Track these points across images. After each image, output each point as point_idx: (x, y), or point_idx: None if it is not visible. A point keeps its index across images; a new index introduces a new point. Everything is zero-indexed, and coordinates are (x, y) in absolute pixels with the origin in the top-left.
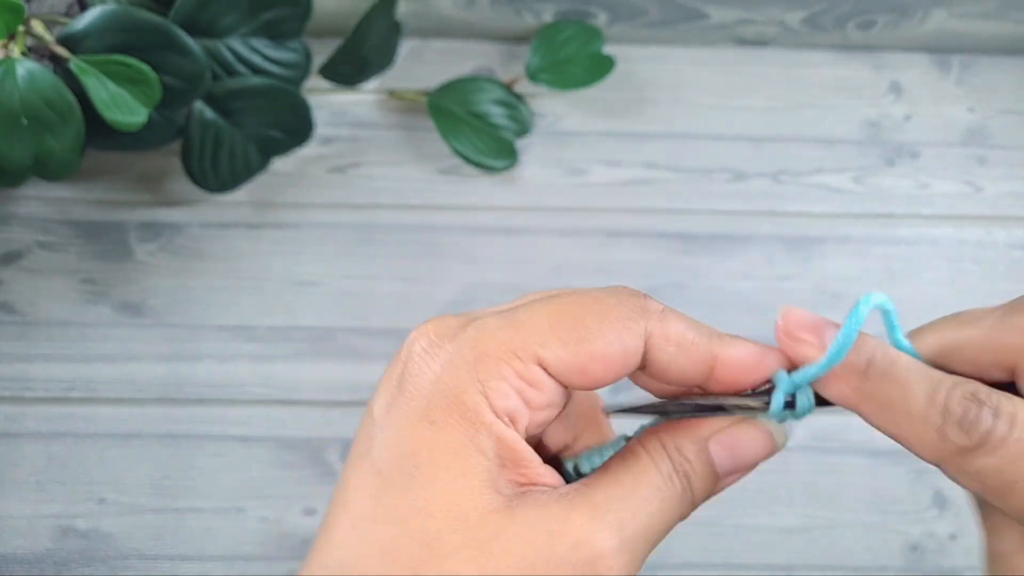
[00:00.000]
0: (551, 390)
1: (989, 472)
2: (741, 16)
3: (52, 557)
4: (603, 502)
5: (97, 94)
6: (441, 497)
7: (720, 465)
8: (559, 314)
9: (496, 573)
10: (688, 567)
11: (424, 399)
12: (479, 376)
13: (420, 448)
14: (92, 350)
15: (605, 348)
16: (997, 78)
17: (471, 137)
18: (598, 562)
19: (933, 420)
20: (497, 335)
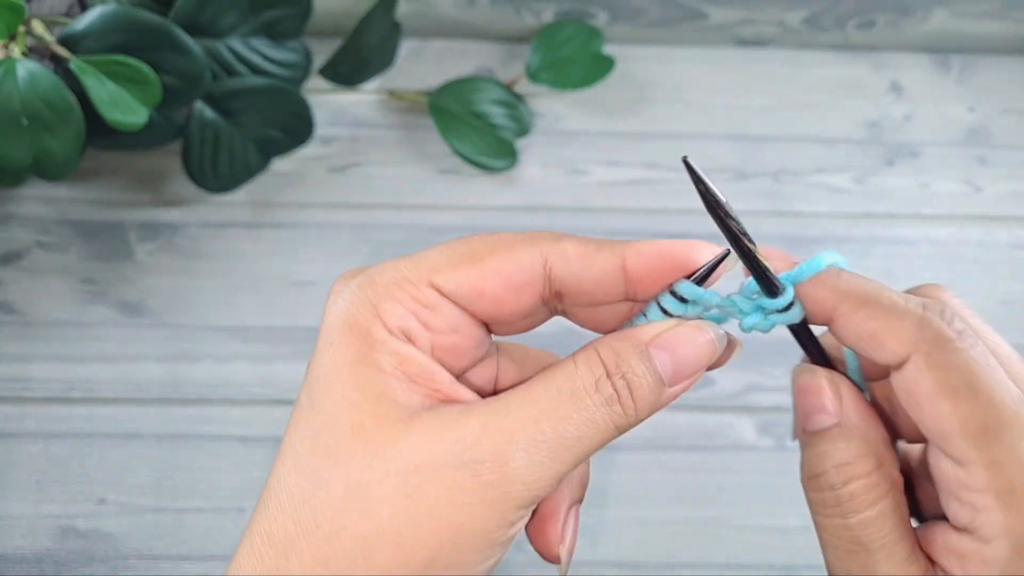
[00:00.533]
0: (449, 313)
1: (957, 368)
2: (741, 16)
3: (52, 557)
4: (504, 408)
5: (97, 94)
6: (338, 410)
7: (664, 371)
8: (454, 246)
9: (386, 475)
10: (688, 567)
11: (327, 326)
12: (372, 300)
13: (320, 370)
14: (92, 350)
15: (497, 266)
16: (997, 78)
17: (471, 137)
18: (482, 467)
19: (913, 309)
20: (392, 268)
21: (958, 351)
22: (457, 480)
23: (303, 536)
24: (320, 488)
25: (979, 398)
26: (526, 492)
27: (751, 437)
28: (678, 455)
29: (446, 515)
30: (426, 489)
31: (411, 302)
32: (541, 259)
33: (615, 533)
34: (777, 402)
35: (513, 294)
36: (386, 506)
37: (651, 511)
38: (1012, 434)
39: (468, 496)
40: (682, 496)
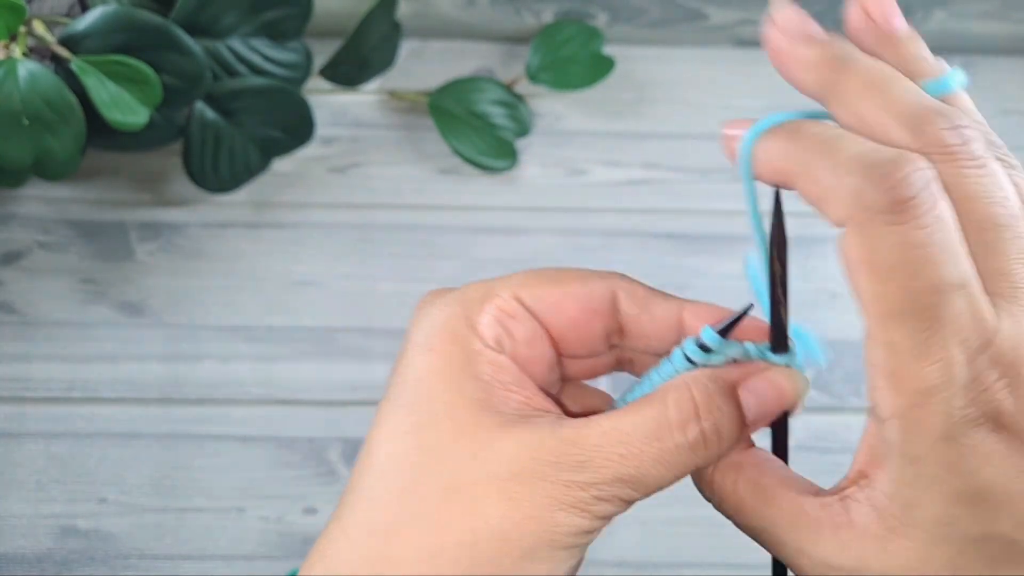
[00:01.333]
0: (528, 323)
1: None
2: (741, 16)
3: (53, 557)
4: (592, 442)
5: (98, 94)
6: (441, 411)
7: (748, 410)
8: (535, 270)
9: (487, 478)
10: (688, 567)
11: (425, 333)
12: (466, 313)
13: (421, 371)
14: (92, 350)
15: (574, 289)
16: (997, 78)
17: (471, 137)
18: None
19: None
20: (479, 285)
21: (892, 224)
22: (552, 491)
23: (407, 526)
24: (423, 483)
25: (895, 281)
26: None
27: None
28: None
29: (545, 516)
30: (526, 494)
31: (497, 312)
32: (612, 291)
33: (615, 533)
34: None
35: (586, 316)
36: (491, 506)
37: (651, 511)
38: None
39: (563, 505)
40: (682, 496)
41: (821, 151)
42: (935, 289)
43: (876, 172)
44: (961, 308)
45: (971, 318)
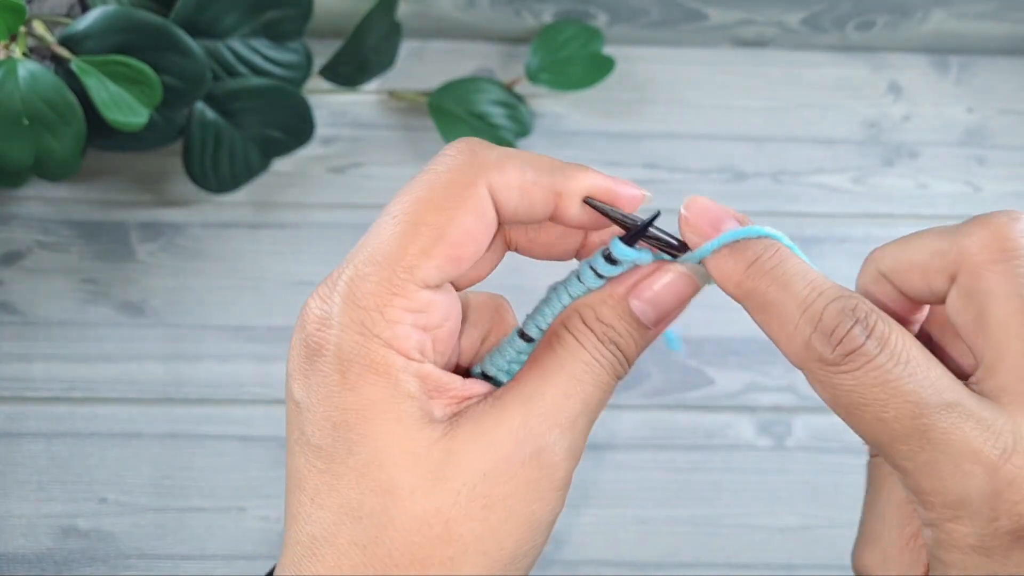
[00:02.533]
0: (440, 303)
1: (844, 390)
2: (741, 17)
3: (53, 556)
4: (534, 394)
5: (98, 94)
6: (384, 447)
7: (644, 316)
8: (409, 223)
9: (456, 494)
10: (688, 567)
11: (335, 369)
12: (374, 331)
13: (349, 414)
14: (93, 350)
15: (462, 229)
16: (996, 78)
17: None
18: (542, 453)
19: (803, 327)
20: (368, 280)
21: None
22: (525, 474)
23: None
24: (388, 527)
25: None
26: (572, 465)
27: (750, 437)
28: (678, 454)
29: (523, 510)
30: (499, 492)
31: (408, 315)
32: (490, 199)
33: (615, 533)
34: (776, 402)
35: (482, 243)
36: (464, 524)
37: (651, 511)
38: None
39: (538, 485)
40: (682, 496)
41: (772, 293)
42: (915, 415)
43: (823, 328)
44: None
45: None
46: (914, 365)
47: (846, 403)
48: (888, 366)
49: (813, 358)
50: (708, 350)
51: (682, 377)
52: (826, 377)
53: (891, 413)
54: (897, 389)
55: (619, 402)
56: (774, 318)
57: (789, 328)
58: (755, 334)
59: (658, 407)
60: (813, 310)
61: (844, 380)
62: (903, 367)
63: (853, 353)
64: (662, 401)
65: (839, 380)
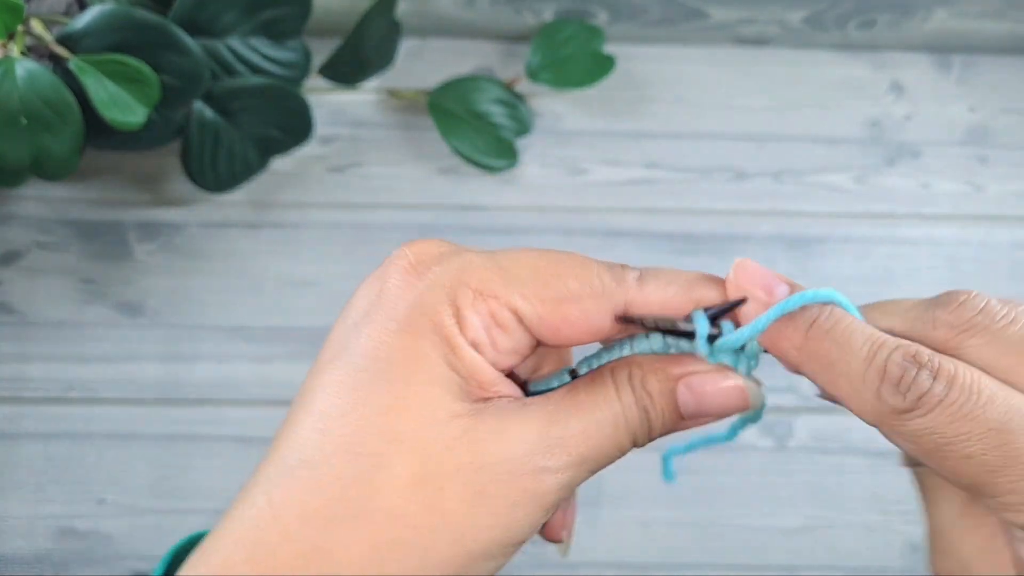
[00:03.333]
0: (518, 338)
1: (923, 433)
2: (742, 15)
3: (51, 557)
4: (560, 418)
5: (96, 94)
6: (413, 398)
7: (685, 407)
8: (542, 267)
9: (457, 470)
10: (688, 567)
11: (404, 311)
12: (457, 303)
13: (396, 352)
14: (91, 350)
15: (580, 314)
16: (998, 77)
17: (471, 136)
18: (543, 474)
19: (871, 381)
20: (480, 271)
21: (920, 418)
22: (522, 483)
23: (355, 517)
24: (383, 471)
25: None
26: (563, 497)
27: (751, 438)
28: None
29: (506, 512)
30: (493, 488)
31: (488, 317)
32: (621, 309)
33: (615, 533)
34: (777, 402)
35: (586, 336)
36: (453, 501)
37: (651, 511)
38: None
39: (527, 498)
40: (682, 496)
41: (834, 353)
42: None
43: (889, 379)
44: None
45: None
46: (988, 394)
47: (930, 447)
48: (960, 401)
49: (886, 411)
50: None
51: None
52: (902, 426)
53: (976, 446)
54: (976, 420)
55: None
56: (840, 377)
57: (857, 385)
58: None
59: None
60: (877, 364)
61: (920, 424)
62: (976, 398)
63: (923, 397)
64: None
65: (916, 425)
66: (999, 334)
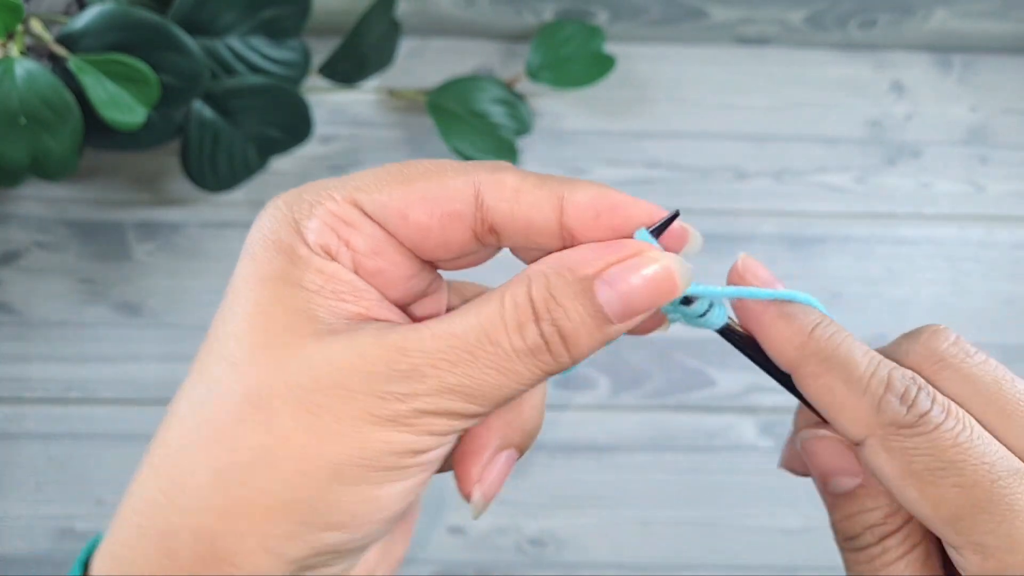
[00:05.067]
0: (370, 234)
1: (917, 453)
2: (742, 15)
3: (51, 558)
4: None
5: (95, 93)
6: (250, 319)
7: (610, 307)
8: (386, 168)
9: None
10: (688, 567)
11: (249, 243)
12: (294, 215)
13: (238, 280)
14: (90, 350)
15: (424, 191)
16: (999, 77)
17: (471, 136)
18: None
19: (874, 388)
20: (318, 184)
21: (918, 436)
22: (364, 404)
23: (198, 445)
24: (215, 395)
25: (946, 482)
26: (438, 425)
27: (752, 438)
28: (679, 456)
29: (351, 432)
30: (330, 407)
31: (330, 217)
32: (473, 188)
33: (615, 533)
34: (777, 403)
35: (439, 222)
36: (289, 420)
37: (651, 511)
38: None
39: (376, 419)
40: (682, 496)
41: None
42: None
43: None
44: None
45: None
46: (979, 432)
47: (920, 469)
48: (957, 430)
49: (884, 422)
50: (709, 351)
51: (683, 378)
52: (898, 442)
53: (969, 478)
54: (970, 452)
55: (620, 403)
56: (837, 383)
57: (856, 393)
58: None
59: (659, 408)
60: (880, 375)
61: (918, 443)
62: (970, 431)
63: (924, 416)
64: (663, 402)
65: (913, 444)
66: (971, 372)
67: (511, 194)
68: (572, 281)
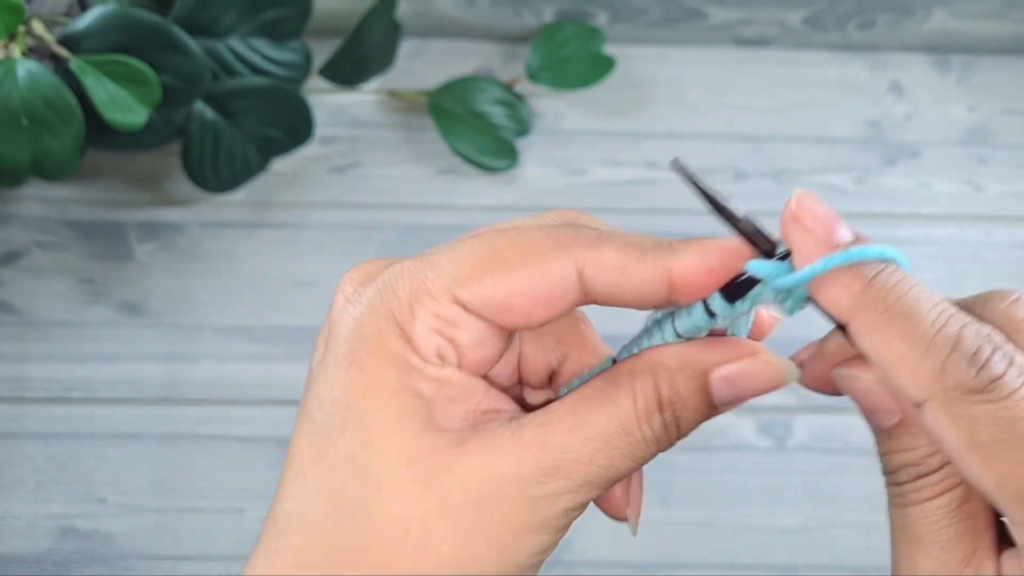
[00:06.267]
0: (475, 329)
1: (985, 423)
2: (741, 16)
3: (52, 557)
4: (555, 439)
5: (97, 94)
6: (381, 436)
7: (719, 399)
8: (478, 251)
9: (443, 508)
10: (689, 568)
11: (349, 346)
12: (397, 320)
13: (351, 392)
14: (91, 350)
15: (527, 279)
16: (998, 78)
17: (471, 137)
18: (539, 503)
19: (939, 346)
20: (412, 277)
21: (988, 403)
22: (517, 514)
23: (349, 566)
24: (364, 520)
25: (1015, 457)
26: (574, 517)
27: (751, 437)
28: (678, 455)
29: (507, 545)
30: (486, 523)
31: (435, 320)
32: (576, 270)
33: (615, 533)
34: (777, 402)
35: (544, 307)
36: (445, 542)
37: (651, 511)
38: None
39: (527, 528)
40: (682, 496)
41: (897, 308)
42: None
43: (963, 349)
44: None
45: None
46: None
47: (988, 441)
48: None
49: (949, 385)
50: None
51: None
52: (964, 409)
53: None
54: None
55: None
56: (898, 338)
57: (918, 350)
58: None
59: None
60: (948, 331)
61: (987, 411)
62: None
63: (997, 381)
64: None
65: (981, 411)
66: None
67: (616, 274)
68: (692, 374)
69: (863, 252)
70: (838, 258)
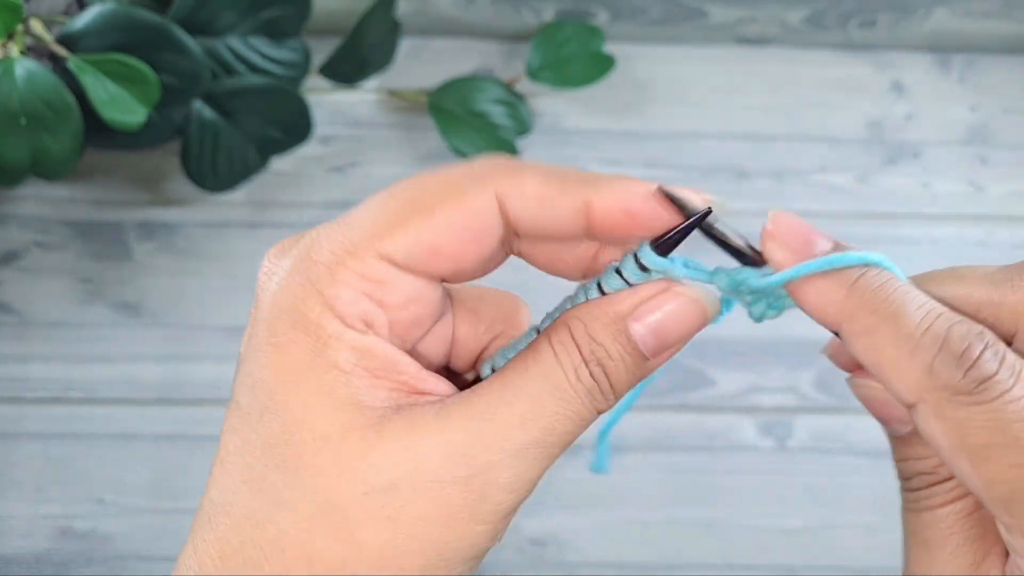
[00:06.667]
0: (405, 284)
1: (974, 425)
2: (742, 15)
3: (51, 558)
4: (485, 411)
5: (96, 93)
6: (297, 420)
7: (644, 345)
8: (397, 200)
9: (363, 495)
10: (688, 567)
11: (267, 322)
12: (317, 287)
13: (267, 373)
14: (90, 350)
15: (450, 219)
16: (999, 77)
17: (471, 136)
18: (474, 481)
19: (926, 347)
20: (331, 239)
21: (976, 404)
22: (444, 497)
23: (268, 561)
24: (283, 508)
25: (1004, 460)
26: (515, 499)
27: (752, 438)
28: (679, 456)
29: (433, 533)
30: (410, 508)
31: (360, 281)
32: (496, 201)
33: (615, 533)
34: (778, 403)
35: (473, 245)
36: (366, 529)
37: (651, 511)
38: None
39: (456, 513)
40: (682, 496)
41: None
42: None
43: (950, 349)
44: None
45: None
46: None
47: (977, 444)
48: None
49: (937, 386)
50: (709, 351)
51: (683, 378)
52: (953, 411)
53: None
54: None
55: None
56: (885, 341)
57: (905, 351)
58: (756, 335)
59: (659, 408)
60: (935, 330)
61: (976, 413)
62: None
63: (987, 381)
64: (663, 402)
65: (970, 414)
66: None
67: (536, 204)
68: (608, 322)
69: (841, 258)
70: (814, 264)
